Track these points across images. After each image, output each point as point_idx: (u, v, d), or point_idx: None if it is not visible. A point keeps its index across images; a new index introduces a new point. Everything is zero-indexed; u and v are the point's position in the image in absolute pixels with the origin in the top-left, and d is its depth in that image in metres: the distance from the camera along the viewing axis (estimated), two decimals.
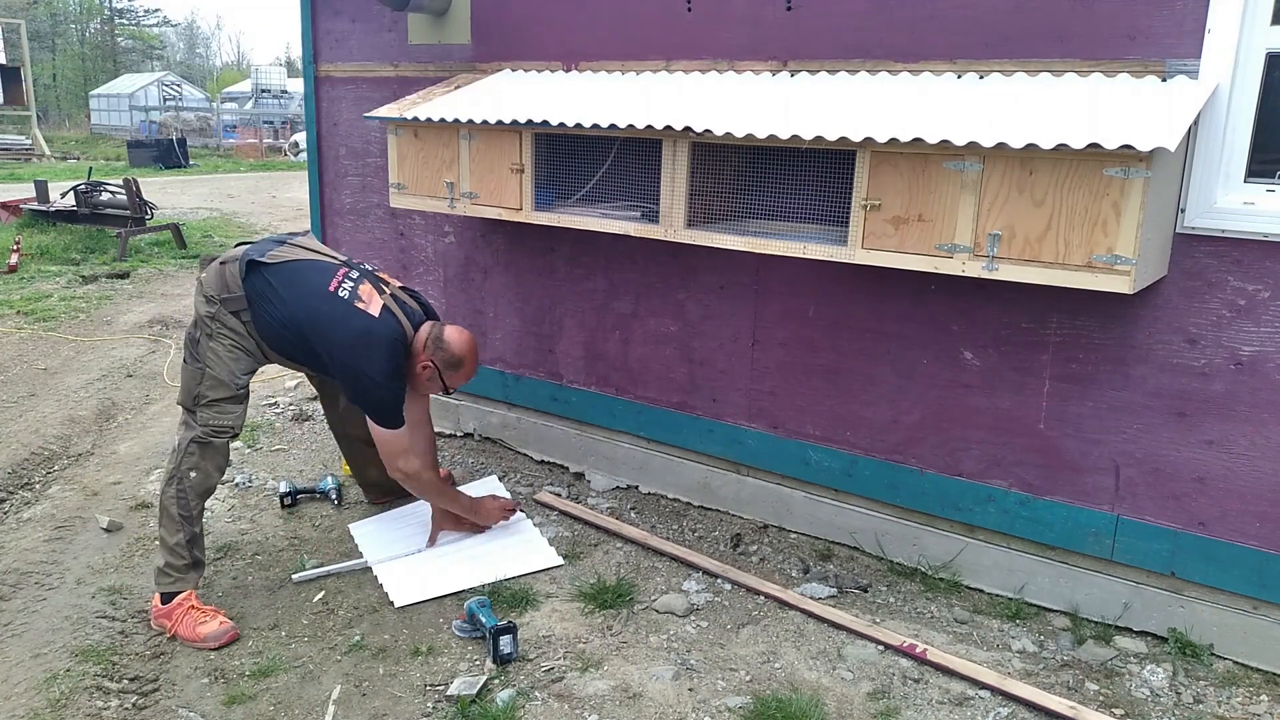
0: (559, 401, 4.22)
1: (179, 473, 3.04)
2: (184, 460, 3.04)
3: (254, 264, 3.10)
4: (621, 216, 3.36)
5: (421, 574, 3.33)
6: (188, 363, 3.10)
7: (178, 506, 3.01)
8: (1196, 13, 2.62)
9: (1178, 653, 2.88)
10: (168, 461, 3.13)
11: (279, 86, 37.66)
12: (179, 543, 3.00)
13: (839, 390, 3.45)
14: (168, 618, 2.96)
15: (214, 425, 3.06)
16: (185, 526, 3.01)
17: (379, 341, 3.11)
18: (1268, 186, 2.64)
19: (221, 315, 3.07)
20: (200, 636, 2.92)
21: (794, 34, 3.30)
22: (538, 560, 3.44)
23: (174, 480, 3.03)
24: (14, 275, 8.50)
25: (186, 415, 3.09)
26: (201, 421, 3.05)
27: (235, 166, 22.84)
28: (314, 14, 4.64)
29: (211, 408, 3.06)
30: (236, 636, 2.96)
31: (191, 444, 3.04)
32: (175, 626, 2.95)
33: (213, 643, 2.91)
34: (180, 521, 3.01)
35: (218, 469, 3.12)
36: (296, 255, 3.20)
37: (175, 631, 2.94)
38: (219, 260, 3.15)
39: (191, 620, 2.95)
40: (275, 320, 3.09)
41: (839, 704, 2.66)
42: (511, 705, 2.61)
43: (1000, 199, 2.51)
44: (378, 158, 4.51)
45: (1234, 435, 2.77)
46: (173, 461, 3.07)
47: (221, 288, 3.08)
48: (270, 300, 3.09)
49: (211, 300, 3.08)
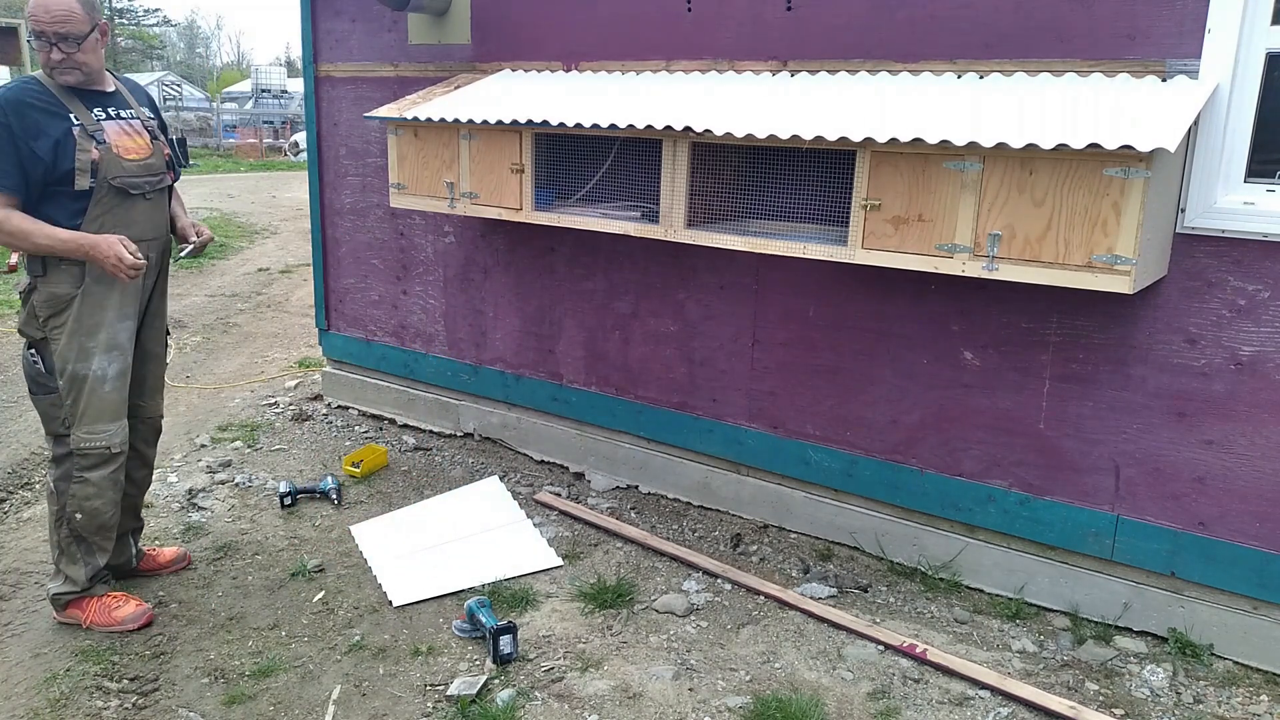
0: (559, 401, 4.22)
1: (65, 515, 2.91)
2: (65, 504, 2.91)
3: None
4: (621, 216, 3.36)
5: (420, 573, 3.33)
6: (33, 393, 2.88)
7: (75, 544, 2.95)
8: (1196, 13, 2.62)
9: (1178, 653, 2.88)
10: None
11: (279, 86, 37.68)
12: (76, 572, 2.95)
13: (839, 390, 3.45)
14: (80, 609, 2.96)
15: (87, 449, 2.89)
16: (82, 563, 2.96)
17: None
18: (1268, 186, 2.64)
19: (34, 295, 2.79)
20: (117, 620, 2.94)
21: (794, 34, 3.30)
22: (536, 560, 3.44)
23: (63, 522, 2.92)
24: (14, 275, 8.50)
25: (54, 444, 2.92)
26: (76, 447, 2.89)
27: (235, 166, 22.84)
28: (314, 14, 4.64)
29: (84, 426, 2.88)
30: (152, 619, 2.98)
31: (68, 483, 2.90)
32: (90, 617, 2.95)
33: (131, 624, 2.94)
34: (79, 557, 2.95)
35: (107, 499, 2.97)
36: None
37: (91, 621, 2.94)
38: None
39: (104, 606, 2.96)
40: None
41: (839, 704, 2.66)
42: (511, 705, 2.61)
43: (1000, 199, 2.51)
44: (378, 158, 4.51)
45: (1234, 435, 2.77)
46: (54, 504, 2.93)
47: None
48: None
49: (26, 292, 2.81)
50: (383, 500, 3.96)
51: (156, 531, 3.63)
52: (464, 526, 3.70)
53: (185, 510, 3.82)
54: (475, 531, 3.66)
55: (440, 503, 3.92)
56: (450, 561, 3.42)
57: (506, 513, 3.81)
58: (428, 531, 3.65)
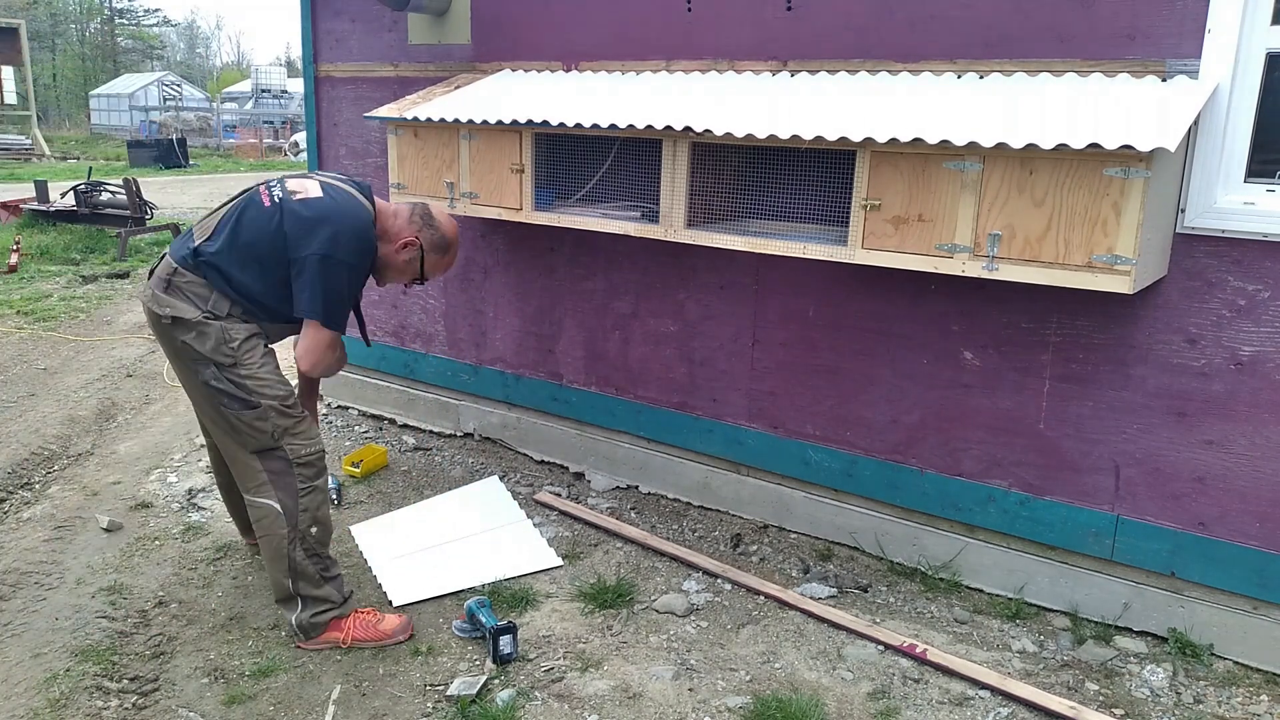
0: (559, 401, 4.22)
1: (297, 535, 2.76)
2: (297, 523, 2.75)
3: (195, 252, 2.74)
4: (621, 216, 3.36)
5: (420, 573, 3.33)
6: (232, 409, 2.69)
7: (313, 564, 2.82)
8: (1196, 13, 2.62)
9: (1178, 653, 2.88)
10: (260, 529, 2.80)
11: (279, 86, 37.70)
12: (329, 593, 2.86)
13: (839, 390, 3.45)
14: (337, 629, 2.87)
15: (311, 452, 2.78)
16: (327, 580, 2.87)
17: (336, 215, 2.73)
18: (1268, 186, 2.64)
19: (229, 333, 2.70)
20: (386, 633, 2.90)
21: (794, 34, 3.30)
22: (536, 560, 3.44)
23: (295, 543, 2.77)
24: (14, 275, 8.50)
25: (265, 461, 2.73)
26: (296, 458, 2.74)
27: (235, 166, 22.84)
28: (314, 14, 4.64)
29: (297, 438, 2.76)
30: (413, 633, 2.94)
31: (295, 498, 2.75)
32: (350, 634, 2.87)
33: (401, 635, 2.91)
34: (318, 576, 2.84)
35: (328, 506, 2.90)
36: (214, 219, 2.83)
37: (352, 638, 2.87)
38: (164, 287, 2.73)
39: (365, 621, 2.90)
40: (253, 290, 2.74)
41: (839, 704, 2.66)
42: (511, 705, 2.61)
43: (1000, 199, 2.51)
44: (378, 158, 4.51)
45: (1234, 435, 2.77)
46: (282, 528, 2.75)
47: (201, 300, 2.71)
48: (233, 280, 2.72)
49: (204, 323, 2.68)
50: (382, 500, 3.96)
51: (156, 531, 3.63)
52: (464, 526, 3.70)
53: (185, 510, 3.82)
54: (475, 531, 3.66)
55: (440, 502, 3.92)
56: (450, 561, 3.42)
57: (506, 512, 3.81)
58: (427, 532, 3.64)
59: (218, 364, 2.69)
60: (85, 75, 49.35)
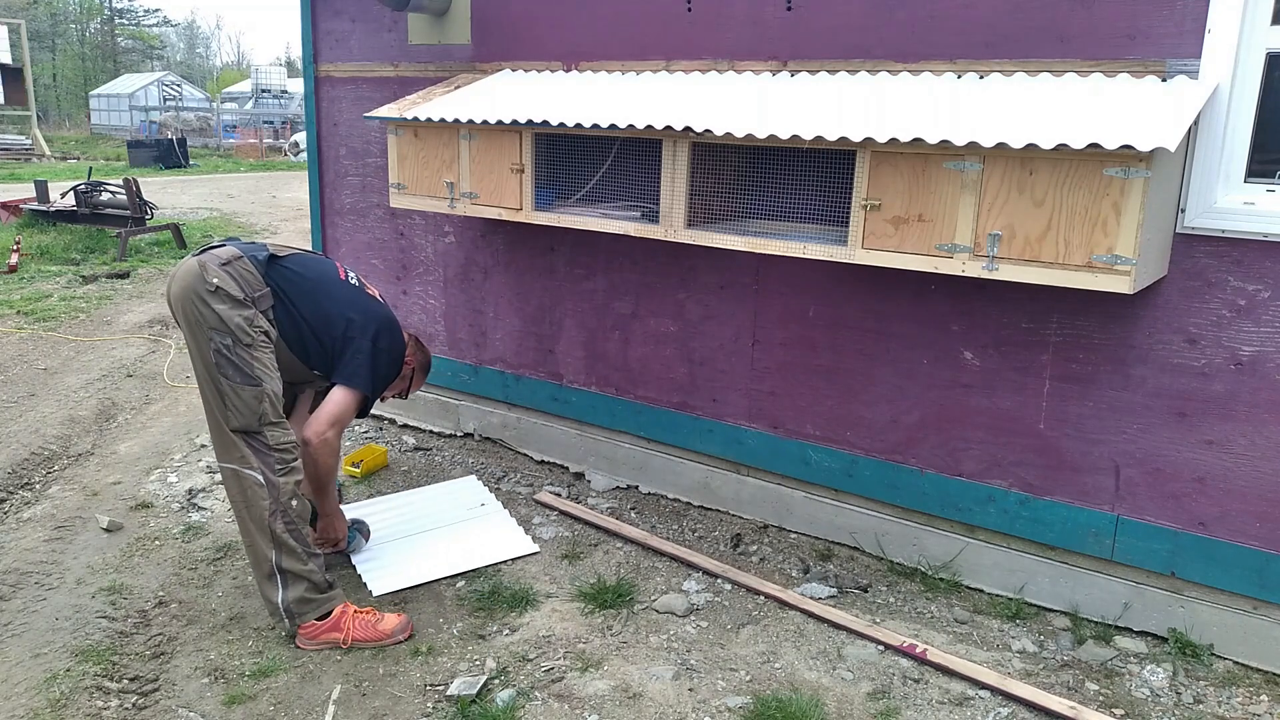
0: (559, 401, 4.22)
1: (279, 507, 2.82)
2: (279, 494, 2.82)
3: (273, 258, 2.97)
4: (621, 216, 3.36)
5: (399, 563, 3.36)
6: (234, 381, 2.77)
7: (294, 539, 2.85)
8: (1196, 13, 2.62)
9: (1178, 653, 2.88)
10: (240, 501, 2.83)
11: (279, 86, 37.67)
12: (311, 570, 2.88)
13: (839, 390, 3.45)
14: (336, 629, 2.88)
15: (288, 441, 2.86)
16: (310, 555, 2.89)
17: (398, 327, 3.25)
18: (1268, 186, 2.64)
19: (258, 320, 2.84)
20: (385, 633, 2.90)
21: (794, 34, 3.30)
22: (513, 548, 3.48)
23: (277, 515, 2.81)
24: (14, 275, 8.50)
25: (247, 441, 2.80)
26: (275, 444, 2.82)
27: (235, 166, 22.84)
28: (314, 14, 4.64)
29: (277, 428, 2.84)
30: (412, 632, 2.95)
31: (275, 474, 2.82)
32: (350, 634, 2.88)
33: (400, 635, 2.92)
34: (302, 552, 2.86)
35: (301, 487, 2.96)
36: (291, 248, 3.15)
37: (352, 638, 2.88)
38: (220, 263, 2.84)
39: (365, 621, 2.92)
40: (297, 313, 2.95)
41: (839, 704, 2.66)
42: (511, 705, 2.61)
43: (1000, 199, 2.51)
44: (378, 158, 4.51)
45: (1234, 435, 2.77)
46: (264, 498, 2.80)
47: (248, 286, 2.85)
48: (289, 294, 2.95)
49: (244, 303, 2.81)
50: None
51: (157, 531, 3.63)
52: (441, 516, 3.74)
53: (185, 510, 3.82)
54: (451, 521, 3.70)
55: (416, 495, 3.97)
56: (427, 551, 3.46)
57: (483, 503, 3.86)
58: (404, 523, 3.68)
59: (235, 338, 2.80)
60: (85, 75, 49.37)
